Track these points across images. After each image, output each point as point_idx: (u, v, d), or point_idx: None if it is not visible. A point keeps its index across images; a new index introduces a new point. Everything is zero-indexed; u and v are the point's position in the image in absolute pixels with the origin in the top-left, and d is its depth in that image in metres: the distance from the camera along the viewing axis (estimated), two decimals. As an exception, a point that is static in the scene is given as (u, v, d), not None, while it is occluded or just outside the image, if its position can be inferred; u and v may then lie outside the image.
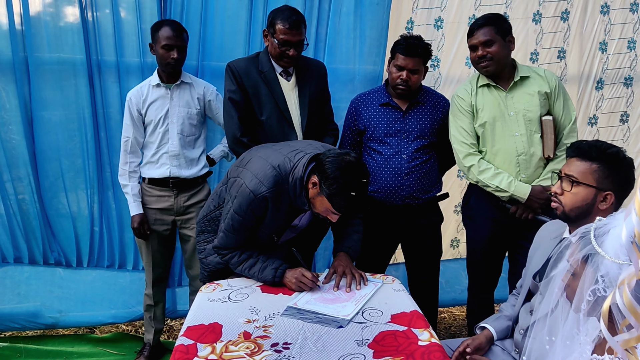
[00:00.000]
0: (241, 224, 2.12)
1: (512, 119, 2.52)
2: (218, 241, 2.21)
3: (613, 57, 3.30)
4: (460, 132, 2.59)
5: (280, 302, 2.00)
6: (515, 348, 1.92)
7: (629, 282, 0.78)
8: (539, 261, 1.89)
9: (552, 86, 2.53)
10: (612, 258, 1.13)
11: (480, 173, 2.55)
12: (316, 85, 2.66)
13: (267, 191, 2.04)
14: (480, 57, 2.49)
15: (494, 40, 2.46)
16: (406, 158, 2.61)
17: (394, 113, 2.64)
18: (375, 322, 1.85)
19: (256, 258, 2.17)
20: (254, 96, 2.55)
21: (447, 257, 3.46)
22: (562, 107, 2.54)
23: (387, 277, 2.20)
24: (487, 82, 2.55)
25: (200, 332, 1.78)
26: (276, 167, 2.07)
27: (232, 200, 2.12)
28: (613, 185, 1.75)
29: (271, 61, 2.57)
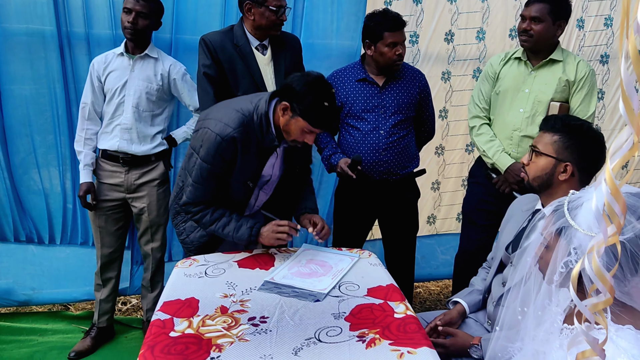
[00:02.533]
0: (210, 172, 2.05)
1: (524, 95, 2.58)
2: (187, 195, 2.11)
3: (590, 34, 3.32)
4: (478, 95, 2.73)
5: (257, 276, 2.00)
6: (487, 319, 1.96)
7: (597, 249, 0.79)
8: (511, 233, 1.92)
9: (578, 76, 2.54)
10: (585, 231, 1.15)
11: (477, 135, 2.70)
12: (291, 59, 2.62)
13: (234, 131, 2.00)
14: (523, 30, 2.52)
15: (542, 20, 2.47)
16: (384, 134, 2.61)
17: (371, 89, 2.63)
18: (352, 295, 1.86)
19: (230, 217, 2.13)
20: (229, 71, 2.50)
21: (424, 234, 3.50)
22: (581, 99, 2.55)
23: (363, 252, 2.21)
24: (519, 56, 2.61)
25: (176, 307, 1.77)
26: (239, 110, 2.03)
27: (197, 151, 2.05)
28: (572, 157, 1.78)
29: (246, 35, 2.52)
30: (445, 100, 3.32)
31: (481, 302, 2.04)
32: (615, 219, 0.76)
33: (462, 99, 3.31)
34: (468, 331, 1.93)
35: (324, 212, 3.24)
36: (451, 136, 3.39)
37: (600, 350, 0.80)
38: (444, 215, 3.54)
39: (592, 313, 0.78)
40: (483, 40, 3.24)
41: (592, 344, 0.79)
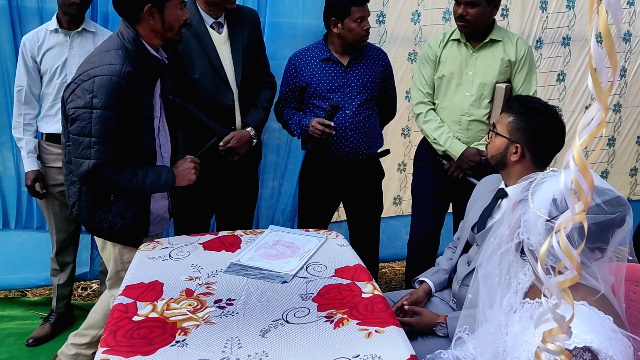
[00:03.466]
0: (116, 119, 1.86)
1: (468, 78, 2.54)
2: (94, 157, 1.86)
3: (552, 16, 3.36)
4: (420, 79, 2.65)
5: (223, 259, 1.96)
6: (453, 298, 1.99)
7: (565, 226, 0.80)
8: (477, 213, 1.94)
9: (518, 56, 2.52)
10: (533, 207, 1.19)
11: (424, 122, 2.62)
12: (249, 36, 2.53)
13: (125, 66, 1.85)
14: (459, 15, 2.46)
15: (477, 3, 2.42)
16: (350, 113, 2.59)
17: (335, 68, 2.60)
18: (320, 276, 1.85)
19: (144, 169, 1.98)
20: (184, 53, 2.39)
21: (390, 215, 3.52)
22: (523, 78, 2.54)
23: (330, 233, 2.20)
24: (458, 38, 2.56)
25: (140, 291, 1.73)
26: (111, 49, 1.90)
27: (91, 104, 1.83)
28: (522, 138, 1.80)
29: (200, 13, 2.41)
30: (412, 81, 3.31)
31: (447, 281, 2.06)
32: (583, 196, 0.77)
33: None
34: (434, 309, 1.96)
35: (291, 193, 3.22)
36: (417, 117, 3.40)
37: (567, 327, 0.81)
38: (409, 197, 3.54)
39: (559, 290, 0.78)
40: (449, 20, 3.24)
41: (559, 322, 0.80)
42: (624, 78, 3.61)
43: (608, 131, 3.71)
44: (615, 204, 1.19)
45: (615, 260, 1.26)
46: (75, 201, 2.04)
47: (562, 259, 0.78)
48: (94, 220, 2.04)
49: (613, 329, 1.15)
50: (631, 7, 3.47)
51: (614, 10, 0.71)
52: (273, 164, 3.19)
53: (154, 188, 2.03)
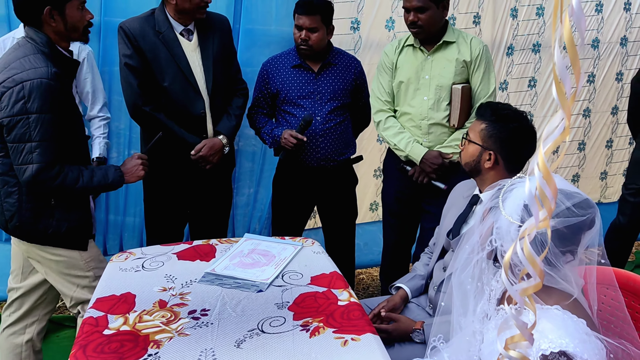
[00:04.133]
0: (54, 121, 1.85)
1: (425, 82, 2.54)
2: (37, 161, 1.83)
3: (523, 23, 3.43)
4: (378, 87, 2.65)
5: (197, 268, 1.94)
6: (429, 303, 1.99)
7: (529, 233, 0.81)
8: (452, 219, 1.95)
9: (473, 55, 2.51)
10: (505, 214, 1.20)
11: (384, 129, 2.63)
12: (220, 43, 2.50)
13: (50, 67, 1.83)
14: (411, 22, 2.45)
15: (427, 8, 2.40)
16: (320, 120, 2.60)
17: (306, 75, 2.61)
18: (296, 284, 1.85)
19: (89, 168, 1.98)
20: (153, 60, 2.36)
21: (366, 220, 3.53)
22: (480, 78, 2.53)
23: (306, 240, 2.20)
24: (412, 43, 2.56)
25: (111, 303, 1.69)
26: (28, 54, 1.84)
27: (26, 109, 1.80)
28: (496, 145, 1.82)
29: (169, 20, 2.38)
30: (386, 88, 3.34)
31: (423, 287, 2.07)
32: (547, 202, 0.77)
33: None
34: (410, 316, 1.96)
35: (267, 201, 3.20)
36: (392, 123, 3.42)
37: (529, 334, 0.82)
38: (386, 202, 3.58)
39: (522, 297, 0.79)
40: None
41: (521, 328, 0.81)
42: (593, 84, 3.69)
43: (578, 136, 3.78)
44: (585, 206, 1.21)
45: (585, 263, 1.28)
46: (14, 213, 1.96)
47: (526, 266, 0.79)
48: (37, 229, 1.97)
49: (587, 332, 1.16)
50: (599, 14, 3.55)
51: (577, 19, 0.71)
52: (248, 171, 3.18)
53: (102, 186, 2.02)
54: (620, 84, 3.75)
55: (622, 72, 3.73)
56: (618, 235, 3.15)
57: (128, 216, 3.04)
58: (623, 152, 3.92)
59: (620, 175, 3.92)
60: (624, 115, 3.70)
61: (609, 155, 3.91)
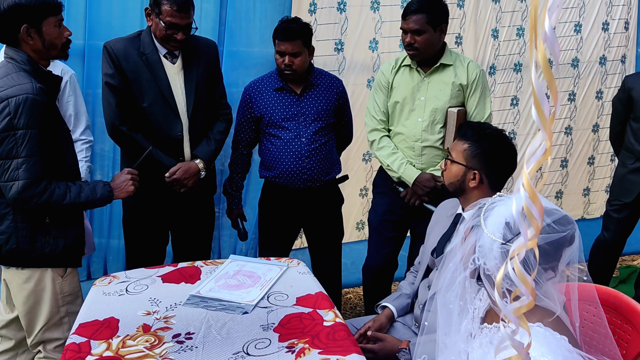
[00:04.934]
0: (41, 136, 1.83)
1: (420, 104, 2.54)
2: (23, 177, 1.81)
3: (504, 43, 3.49)
4: (374, 106, 2.64)
5: (182, 291, 1.92)
6: (415, 322, 1.99)
7: (518, 252, 0.81)
8: (436, 238, 1.96)
9: (470, 79, 2.51)
10: (488, 232, 1.21)
11: (378, 149, 2.62)
12: (205, 68, 2.50)
13: (34, 83, 1.81)
14: (408, 44, 2.46)
15: (423, 31, 2.40)
16: (305, 141, 2.59)
17: (289, 97, 2.61)
18: (281, 305, 1.83)
19: (76, 184, 1.94)
20: (134, 81, 2.36)
21: (353, 239, 3.52)
22: (476, 102, 2.53)
23: (292, 261, 2.19)
24: (409, 64, 2.56)
25: (94, 329, 1.67)
26: (10, 74, 1.83)
27: (11, 125, 1.78)
28: (481, 165, 1.84)
29: (154, 42, 2.39)
30: (371, 107, 3.37)
31: (409, 306, 2.07)
32: (534, 222, 0.78)
33: (387, 106, 3.37)
34: (396, 335, 1.95)
35: (253, 222, 3.19)
36: (377, 142, 3.44)
37: (526, 354, 0.82)
38: (372, 221, 3.58)
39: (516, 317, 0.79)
40: (405, 48, 3.32)
41: (518, 349, 0.81)
42: (574, 102, 3.75)
43: (561, 153, 3.84)
44: (564, 223, 1.22)
45: (566, 279, 1.29)
46: (10, 235, 1.91)
47: (518, 285, 0.79)
48: (34, 248, 1.92)
49: (569, 349, 1.17)
50: (578, 34, 3.63)
51: (550, 44, 0.73)
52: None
53: (91, 202, 1.97)
54: (600, 102, 3.82)
55: (602, 91, 3.80)
56: (602, 250, 3.19)
57: (112, 238, 3.01)
58: (605, 168, 3.98)
59: (603, 191, 3.97)
60: (605, 132, 3.77)
61: (591, 172, 3.96)
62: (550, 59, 0.76)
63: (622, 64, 3.78)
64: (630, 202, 3.04)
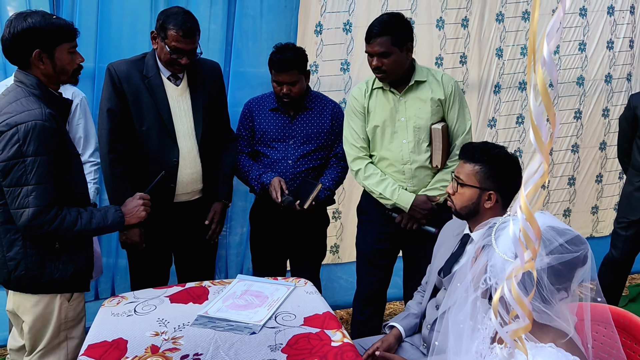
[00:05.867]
0: (51, 163, 1.82)
1: (402, 125, 2.45)
2: (33, 205, 1.79)
3: (508, 62, 3.52)
4: (352, 133, 2.52)
5: (190, 311, 1.93)
6: (423, 342, 1.98)
7: (515, 274, 0.82)
8: (443, 257, 1.96)
9: (447, 92, 2.43)
10: (499, 252, 1.21)
11: (365, 178, 2.49)
12: (209, 90, 2.51)
13: (44, 108, 1.80)
14: (375, 67, 2.36)
15: (389, 53, 2.31)
16: (291, 163, 2.60)
17: (282, 118, 2.64)
18: (289, 325, 1.84)
19: (87, 210, 1.93)
20: (133, 104, 2.36)
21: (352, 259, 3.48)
22: (456, 115, 2.46)
23: (299, 280, 2.19)
24: (381, 86, 2.46)
25: (102, 350, 1.68)
26: (19, 99, 1.82)
27: (20, 153, 1.77)
28: (495, 185, 1.86)
29: (158, 65, 2.40)
30: (377, 127, 3.39)
31: (417, 326, 2.06)
32: (531, 244, 0.79)
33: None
34: (404, 355, 1.95)
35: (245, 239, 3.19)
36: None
37: (524, 376, 0.83)
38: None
39: (512, 339, 0.79)
40: (411, 68, 3.35)
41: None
42: (580, 120, 3.76)
43: (568, 171, 3.83)
44: (577, 242, 1.22)
45: (578, 299, 1.29)
46: (19, 262, 1.89)
47: (514, 307, 0.80)
48: (44, 274, 1.89)
49: None
50: (582, 52, 3.65)
51: (549, 68, 0.75)
52: (241, 210, 3.17)
53: (102, 229, 1.96)
54: (607, 119, 3.82)
55: (609, 109, 3.80)
56: (611, 269, 3.16)
57: (120, 258, 3.02)
58: (613, 186, 3.96)
59: (612, 209, 3.95)
60: (613, 150, 3.77)
61: (599, 190, 3.95)
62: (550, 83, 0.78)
63: (627, 81, 3.79)
64: (637, 220, 3.02)
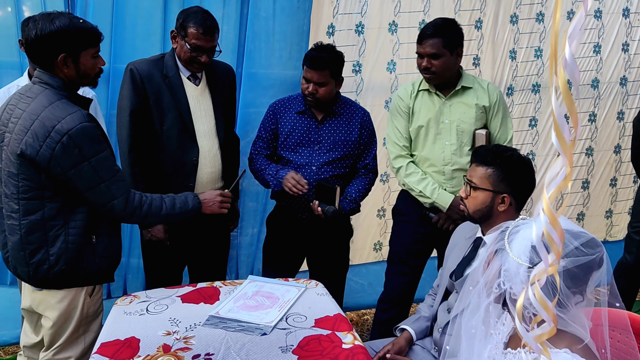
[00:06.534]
0: (109, 155, 1.89)
1: (446, 127, 2.51)
2: (118, 198, 1.87)
3: (522, 64, 3.49)
4: (395, 132, 2.58)
5: (201, 311, 1.93)
6: (434, 346, 1.97)
7: (539, 278, 0.81)
8: (455, 261, 1.95)
9: (492, 100, 2.51)
10: (513, 256, 1.19)
11: (407, 176, 2.54)
12: (226, 91, 2.55)
13: (79, 111, 1.82)
14: (424, 68, 2.44)
15: (440, 55, 2.39)
16: (315, 170, 2.52)
17: (309, 122, 2.55)
18: (300, 327, 1.83)
19: (169, 195, 2.03)
20: (155, 103, 2.37)
21: (370, 260, 3.51)
22: (499, 123, 2.54)
23: (310, 282, 2.19)
24: (427, 88, 2.54)
25: (115, 349, 1.68)
26: (53, 102, 1.82)
27: (82, 157, 1.80)
28: (509, 188, 1.84)
29: (177, 65, 2.42)
30: (389, 128, 3.38)
31: (428, 329, 2.05)
32: (554, 247, 0.78)
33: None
34: (415, 358, 1.94)
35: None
36: (395, 163, 3.44)
37: (546, 380, 0.82)
38: (390, 242, 3.56)
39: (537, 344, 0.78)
40: (423, 70, 3.34)
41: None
42: (595, 123, 3.73)
43: (582, 174, 3.80)
44: (593, 245, 1.21)
45: (593, 304, 1.27)
46: (60, 256, 1.88)
47: (539, 311, 0.79)
48: (80, 268, 1.90)
49: None
50: (597, 55, 3.62)
51: (570, 70, 0.74)
52: (252, 211, 3.18)
53: (183, 213, 2.03)
54: (621, 122, 3.78)
55: (623, 111, 3.77)
56: (625, 273, 3.13)
57: (132, 257, 3.04)
58: (628, 190, 3.92)
59: (626, 213, 3.90)
60: (628, 153, 3.72)
61: (613, 194, 3.91)
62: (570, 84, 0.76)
63: (643, 84, 3.75)
64: (653, 224, 2.99)
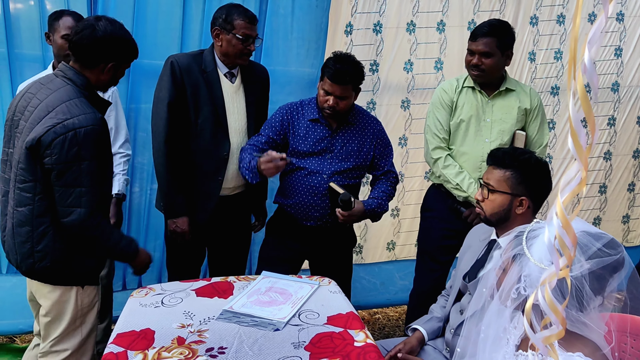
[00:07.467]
0: (99, 167, 1.87)
1: (487, 125, 2.57)
2: (85, 206, 1.84)
3: (541, 66, 3.46)
4: (436, 124, 2.62)
5: (215, 305, 1.96)
6: (446, 347, 1.97)
7: (549, 281, 0.81)
8: (469, 262, 1.95)
9: (533, 105, 2.57)
10: (535, 261, 1.18)
11: (445, 167, 2.58)
12: (261, 91, 2.61)
13: (94, 112, 1.84)
14: (474, 65, 2.49)
15: (492, 54, 2.45)
16: (326, 178, 2.46)
17: (322, 130, 2.47)
18: (312, 324, 1.85)
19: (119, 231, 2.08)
20: (192, 96, 2.41)
21: (383, 260, 3.51)
22: (537, 128, 2.59)
23: (323, 279, 2.20)
24: (472, 85, 2.59)
25: (131, 339, 1.71)
26: (73, 98, 1.84)
27: (78, 156, 1.80)
28: (527, 191, 1.84)
29: (215, 61, 2.46)
30: (405, 128, 3.38)
31: (440, 330, 2.05)
32: (566, 251, 0.79)
33: (421, 127, 3.35)
34: (426, 358, 1.94)
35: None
36: (411, 163, 3.44)
37: (554, 381, 0.82)
38: (403, 242, 3.56)
39: (544, 345, 0.79)
40: (441, 70, 3.33)
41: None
42: (614, 127, 3.69)
43: (599, 178, 3.76)
44: (614, 246, 1.20)
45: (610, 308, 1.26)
46: (46, 254, 1.91)
47: (548, 314, 0.79)
48: (66, 267, 1.94)
49: None
50: (618, 58, 3.58)
51: (589, 75, 0.74)
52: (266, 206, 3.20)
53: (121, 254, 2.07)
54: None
55: (643, 116, 3.72)
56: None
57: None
58: (646, 195, 3.88)
59: (643, 218, 3.86)
60: (646, 158, 3.69)
61: (631, 199, 3.86)
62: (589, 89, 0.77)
63: (664, 89, 3.70)
64: (670, 230, 2.96)
